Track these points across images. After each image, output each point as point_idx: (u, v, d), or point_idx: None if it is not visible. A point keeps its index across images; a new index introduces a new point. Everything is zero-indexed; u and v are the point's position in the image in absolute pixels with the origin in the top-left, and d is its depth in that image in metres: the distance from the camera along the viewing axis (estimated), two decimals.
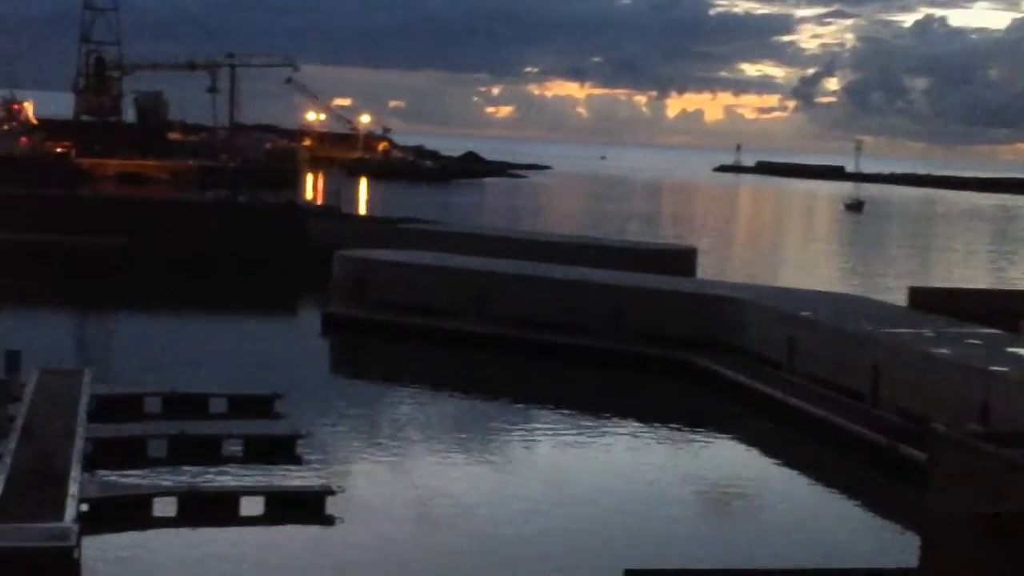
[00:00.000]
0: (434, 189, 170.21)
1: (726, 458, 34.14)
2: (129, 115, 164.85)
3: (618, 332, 45.60)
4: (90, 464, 26.93)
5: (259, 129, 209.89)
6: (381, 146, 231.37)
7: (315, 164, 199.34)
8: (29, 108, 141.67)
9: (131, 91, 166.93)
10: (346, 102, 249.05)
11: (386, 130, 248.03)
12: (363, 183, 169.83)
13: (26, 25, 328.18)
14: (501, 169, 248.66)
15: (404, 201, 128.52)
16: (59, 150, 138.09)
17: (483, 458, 32.25)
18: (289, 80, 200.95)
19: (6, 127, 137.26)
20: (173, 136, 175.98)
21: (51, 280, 61.29)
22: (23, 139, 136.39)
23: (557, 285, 48.61)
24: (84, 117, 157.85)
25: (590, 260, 57.04)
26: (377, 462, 30.93)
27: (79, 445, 26.56)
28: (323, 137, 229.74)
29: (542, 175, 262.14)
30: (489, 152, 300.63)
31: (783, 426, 36.70)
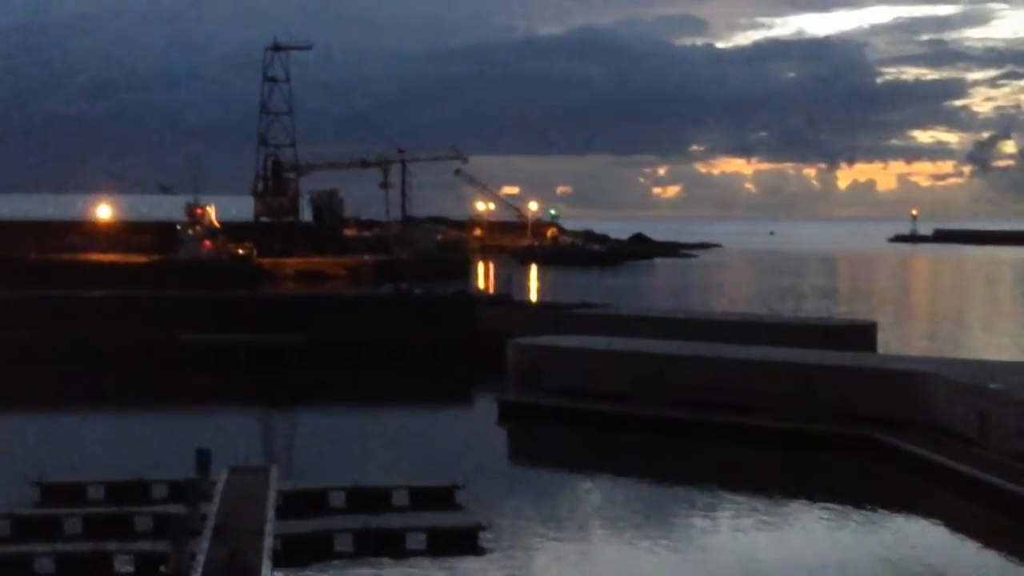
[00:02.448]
0: (604, 273, 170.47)
1: (920, 539, 32.91)
2: (306, 214, 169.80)
3: (798, 411, 44.62)
4: (279, 561, 27.36)
5: (430, 221, 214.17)
6: (550, 232, 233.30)
7: (485, 253, 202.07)
8: (212, 212, 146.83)
9: (307, 190, 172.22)
10: (514, 190, 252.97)
11: (554, 216, 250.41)
12: (533, 270, 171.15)
13: (208, 133, 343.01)
14: (670, 249, 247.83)
15: (575, 286, 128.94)
16: (240, 251, 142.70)
17: (668, 544, 31.72)
18: (458, 172, 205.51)
19: (191, 231, 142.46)
20: (348, 232, 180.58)
21: (236, 378, 63.20)
22: (207, 242, 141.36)
23: (734, 365, 47.92)
24: (263, 218, 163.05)
25: (766, 338, 56.12)
26: (561, 551, 30.71)
27: (268, 543, 27.05)
28: (492, 226, 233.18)
29: (712, 253, 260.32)
30: (658, 233, 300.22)
31: (978, 504, 35.24)
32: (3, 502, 33.19)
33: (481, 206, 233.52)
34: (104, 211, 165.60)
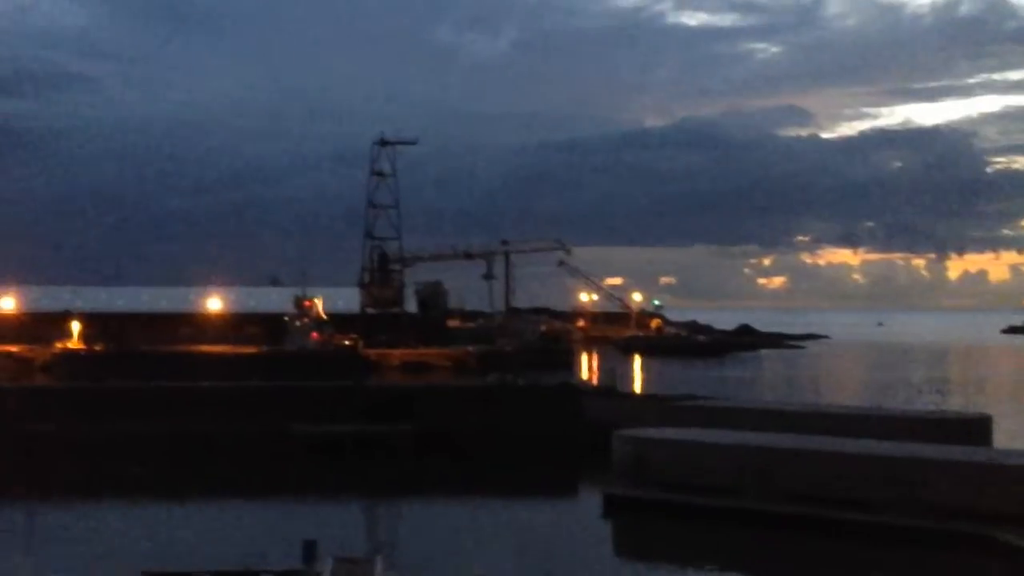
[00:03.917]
0: (709, 364, 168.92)
1: None
2: (411, 305, 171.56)
3: (911, 507, 43.53)
4: None
5: (534, 312, 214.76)
6: (654, 323, 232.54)
7: (589, 344, 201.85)
8: (319, 304, 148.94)
9: (412, 282, 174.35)
10: (618, 281, 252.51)
11: (658, 307, 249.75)
12: (637, 361, 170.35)
13: (315, 226, 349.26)
14: (777, 340, 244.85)
15: (680, 377, 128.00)
16: (347, 342, 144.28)
17: None
18: (561, 263, 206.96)
19: (299, 323, 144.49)
20: (452, 323, 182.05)
21: (343, 468, 63.62)
22: (314, 334, 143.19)
23: (844, 458, 46.98)
24: (369, 310, 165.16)
25: (876, 431, 55.02)
26: None
27: None
28: (596, 316, 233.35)
29: (819, 344, 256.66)
30: (763, 323, 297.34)
31: None
32: None
33: (585, 297, 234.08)
34: (215, 303, 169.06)
